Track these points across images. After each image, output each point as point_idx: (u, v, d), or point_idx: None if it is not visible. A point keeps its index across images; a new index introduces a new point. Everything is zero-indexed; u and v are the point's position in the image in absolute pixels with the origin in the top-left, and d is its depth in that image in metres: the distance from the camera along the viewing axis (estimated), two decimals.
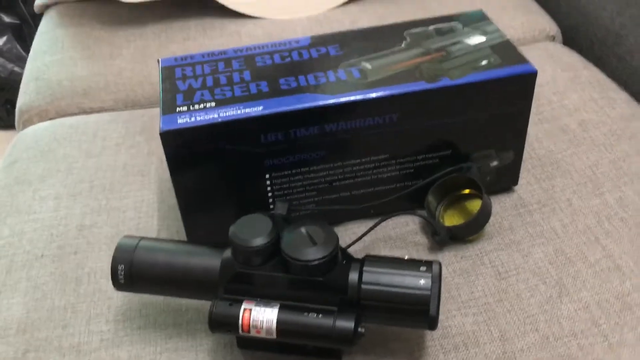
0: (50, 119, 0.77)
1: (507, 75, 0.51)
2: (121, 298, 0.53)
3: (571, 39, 0.86)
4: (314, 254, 0.42)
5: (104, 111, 0.77)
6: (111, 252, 0.57)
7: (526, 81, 0.52)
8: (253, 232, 0.43)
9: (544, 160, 0.62)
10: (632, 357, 0.46)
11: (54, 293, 0.53)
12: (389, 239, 0.56)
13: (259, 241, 0.43)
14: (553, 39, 0.83)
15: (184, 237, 0.57)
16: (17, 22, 1.37)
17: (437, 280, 0.43)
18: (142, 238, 0.47)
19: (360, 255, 0.53)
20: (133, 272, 0.46)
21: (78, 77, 0.79)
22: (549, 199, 0.58)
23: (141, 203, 0.61)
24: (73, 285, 0.54)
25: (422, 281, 0.42)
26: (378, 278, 0.43)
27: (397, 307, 0.42)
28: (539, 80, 0.72)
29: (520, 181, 0.60)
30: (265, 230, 0.43)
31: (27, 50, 1.35)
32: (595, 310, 0.49)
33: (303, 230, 0.43)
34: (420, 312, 0.42)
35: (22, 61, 1.34)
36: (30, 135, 0.73)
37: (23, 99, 0.80)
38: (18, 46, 1.35)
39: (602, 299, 0.49)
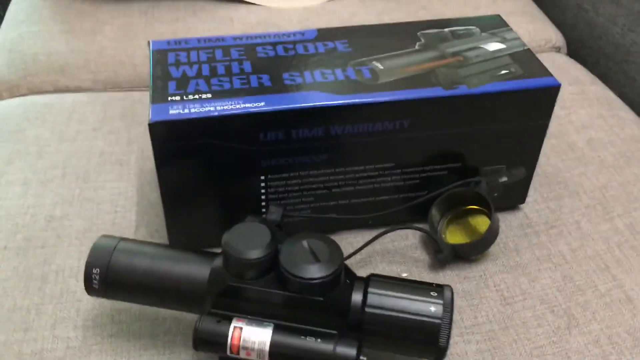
0: (22, 95, 0.71)
1: (529, 88, 0.48)
2: (92, 301, 0.48)
3: (575, 51, 0.83)
4: (315, 271, 0.38)
5: (81, 91, 0.71)
6: (82, 248, 0.52)
7: (548, 95, 0.49)
8: (249, 242, 0.39)
9: (551, 179, 0.59)
10: None
11: (17, 291, 0.48)
12: (387, 253, 0.52)
13: (255, 253, 0.38)
14: (559, 50, 0.80)
15: (164, 236, 0.53)
16: None
17: (449, 308, 0.39)
18: (121, 239, 0.43)
19: (356, 270, 0.49)
20: (109, 277, 0.41)
21: (55, 52, 0.73)
22: (556, 220, 0.55)
23: (118, 196, 0.56)
24: (38, 283, 0.49)
25: (432, 308, 0.38)
26: (384, 301, 0.39)
27: (403, 335, 0.39)
28: None
29: (527, 199, 0.56)
30: (263, 241, 0.39)
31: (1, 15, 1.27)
32: (606, 345, 0.46)
33: (305, 244, 0.39)
34: (430, 342, 0.38)
35: None
36: None
37: None
38: None
39: (613, 333, 0.46)
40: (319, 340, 0.38)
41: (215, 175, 0.47)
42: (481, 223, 0.53)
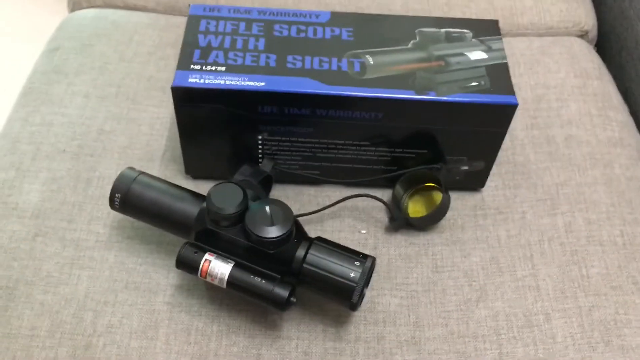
0: (98, 7, 0.83)
1: (488, 103, 0.56)
2: None
3: (605, 36, 0.86)
4: (269, 231, 0.50)
5: (146, 10, 0.83)
6: (121, 161, 0.66)
7: (505, 111, 0.57)
8: (226, 200, 0.51)
9: (518, 168, 0.67)
10: None
11: (67, 189, 0.63)
12: (354, 210, 0.64)
13: (229, 209, 0.51)
14: (586, 34, 0.84)
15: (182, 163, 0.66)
16: None
17: (366, 275, 0.51)
18: (141, 173, 0.56)
19: (326, 219, 0.62)
20: (126, 201, 0.55)
21: None
22: (506, 207, 0.64)
23: (156, 120, 0.69)
24: (84, 185, 0.64)
25: (352, 274, 0.51)
26: (319, 262, 0.52)
27: (327, 289, 0.52)
28: (547, 81, 0.75)
29: (489, 183, 0.66)
30: (236, 201, 0.51)
31: None
32: (501, 321, 0.57)
33: (267, 209, 0.51)
34: (345, 297, 0.51)
35: None
36: (75, 23, 0.80)
37: None
38: None
39: (511, 312, 0.58)
40: (264, 280, 0.51)
41: (221, 129, 0.59)
42: (438, 199, 0.64)
